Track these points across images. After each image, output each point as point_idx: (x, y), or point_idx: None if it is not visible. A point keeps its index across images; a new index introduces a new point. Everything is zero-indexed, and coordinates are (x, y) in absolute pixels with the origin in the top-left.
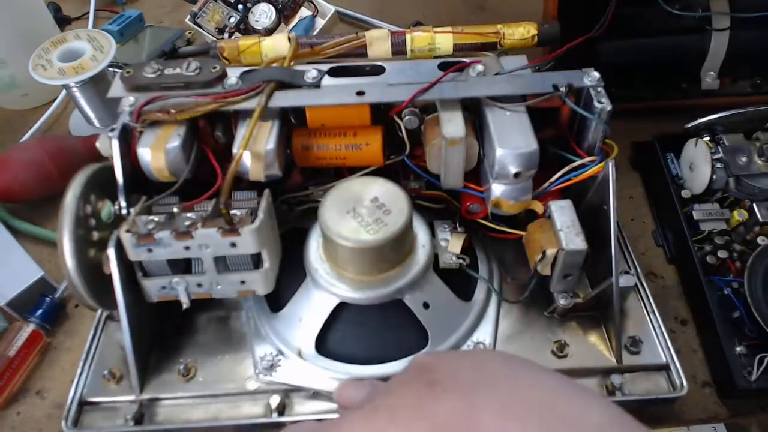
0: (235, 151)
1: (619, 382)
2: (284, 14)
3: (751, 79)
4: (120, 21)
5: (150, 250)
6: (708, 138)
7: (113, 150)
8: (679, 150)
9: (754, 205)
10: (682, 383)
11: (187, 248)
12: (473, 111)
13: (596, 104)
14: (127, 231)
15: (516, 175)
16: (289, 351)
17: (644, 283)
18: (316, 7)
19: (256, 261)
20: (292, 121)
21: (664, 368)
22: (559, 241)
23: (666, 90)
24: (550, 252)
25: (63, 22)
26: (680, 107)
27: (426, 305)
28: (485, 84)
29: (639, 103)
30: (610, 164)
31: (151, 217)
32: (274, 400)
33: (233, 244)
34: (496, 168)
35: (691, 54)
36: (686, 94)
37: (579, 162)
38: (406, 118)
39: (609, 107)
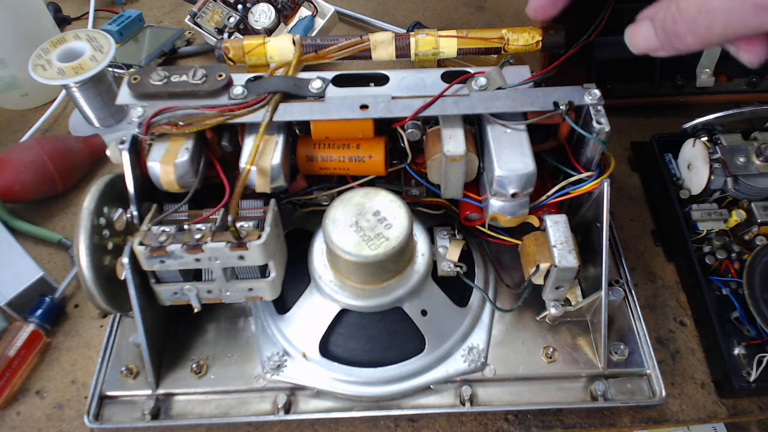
0: (242, 166)
1: (603, 388)
2: (284, 14)
3: (746, 77)
4: (119, 21)
5: (162, 262)
6: (706, 138)
7: (124, 162)
8: (677, 150)
9: (753, 205)
10: (661, 391)
11: (197, 260)
12: (475, 123)
13: (595, 124)
14: (141, 244)
15: (513, 195)
16: (294, 352)
17: (633, 293)
18: (315, 7)
19: (263, 270)
20: (296, 132)
21: (646, 376)
22: (553, 257)
23: (661, 86)
24: (544, 266)
25: (63, 22)
26: (676, 104)
27: (424, 312)
28: (487, 100)
29: (635, 99)
30: (605, 183)
31: (163, 229)
32: (281, 398)
33: (241, 257)
34: (494, 186)
35: None
36: (682, 91)
37: (576, 177)
38: (409, 131)
39: (607, 128)
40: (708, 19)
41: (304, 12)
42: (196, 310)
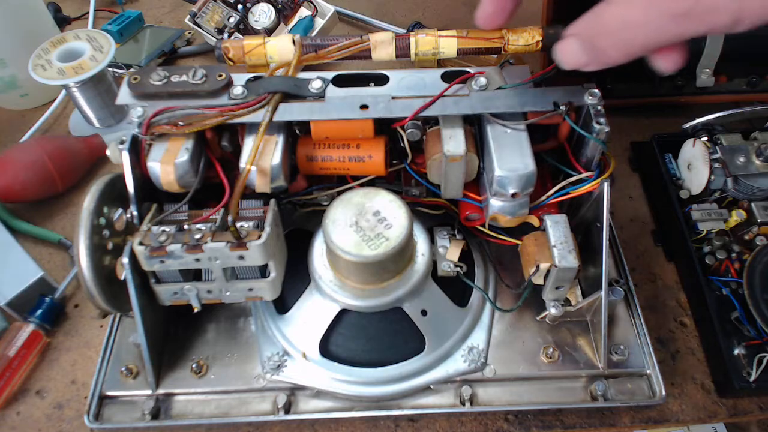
0: (242, 166)
1: (603, 389)
2: (284, 14)
3: (746, 77)
4: (119, 21)
5: (162, 262)
6: (706, 138)
7: (124, 162)
8: (677, 150)
9: (753, 205)
10: (661, 391)
11: (197, 260)
12: (475, 123)
13: (595, 124)
14: (141, 244)
15: (513, 195)
16: (294, 352)
17: (633, 293)
18: (315, 7)
19: (263, 269)
20: (296, 132)
21: (646, 376)
22: (553, 257)
23: (661, 86)
24: (544, 266)
25: (63, 22)
26: (676, 104)
27: (424, 312)
28: (487, 100)
29: (635, 99)
30: (605, 183)
31: (163, 228)
32: (281, 399)
33: (241, 257)
34: (494, 186)
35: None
36: (682, 91)
37: (576, 177)
38: (409, 131)
39: (607, 128)
40: (629, 32)
41: (304, 12)
42: (196, 310)
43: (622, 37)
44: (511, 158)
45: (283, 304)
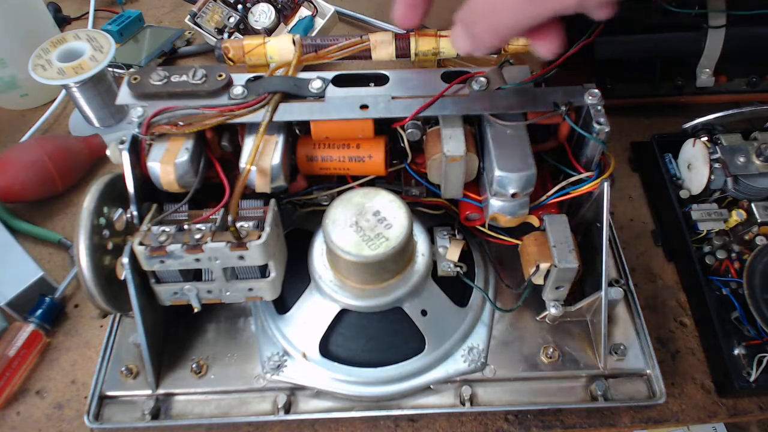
0: (242, 166)
1: (603, 388)
2: (284, 14)
3: (747, 77)
4: (119, 21)
5: (162, 262)
6: (706, 138)
7: (124, 162)
8: (677, 150)
9: (753, 205)
10: (661, 391)
11: (197, 260)
12: (475, 123)
13: (595, 124)
14: (141, 244)
15: (513, 195)
16: (294, 352)
17: (633, 293)
18: (315, 7)
19: (263, 269)
20: (296, 132)
21: (646, 376)
22: (552, 257)
23: (661, 86)
24: (543, 266)
25: (63, 22)
26: (676, 104)
27: (424, 312)
28: (487, 100)
29: (635, 99)
30: (605, 183)
31: (163, 228)
32: (281, 399)
33: (241, 257)
34: (494, 186)
35: (687, 51)
36: (682, 91)
37: (576, 177)
38: (409, 131)
39: (607, 128)
40: (496, 16)
41: (304, 12)
42: (196, 310)
43: (491, 22)
44: (511, 158)
45: (283, 304)
